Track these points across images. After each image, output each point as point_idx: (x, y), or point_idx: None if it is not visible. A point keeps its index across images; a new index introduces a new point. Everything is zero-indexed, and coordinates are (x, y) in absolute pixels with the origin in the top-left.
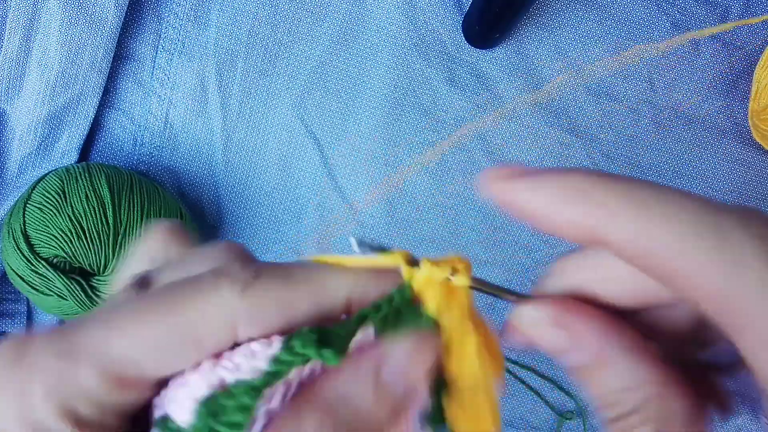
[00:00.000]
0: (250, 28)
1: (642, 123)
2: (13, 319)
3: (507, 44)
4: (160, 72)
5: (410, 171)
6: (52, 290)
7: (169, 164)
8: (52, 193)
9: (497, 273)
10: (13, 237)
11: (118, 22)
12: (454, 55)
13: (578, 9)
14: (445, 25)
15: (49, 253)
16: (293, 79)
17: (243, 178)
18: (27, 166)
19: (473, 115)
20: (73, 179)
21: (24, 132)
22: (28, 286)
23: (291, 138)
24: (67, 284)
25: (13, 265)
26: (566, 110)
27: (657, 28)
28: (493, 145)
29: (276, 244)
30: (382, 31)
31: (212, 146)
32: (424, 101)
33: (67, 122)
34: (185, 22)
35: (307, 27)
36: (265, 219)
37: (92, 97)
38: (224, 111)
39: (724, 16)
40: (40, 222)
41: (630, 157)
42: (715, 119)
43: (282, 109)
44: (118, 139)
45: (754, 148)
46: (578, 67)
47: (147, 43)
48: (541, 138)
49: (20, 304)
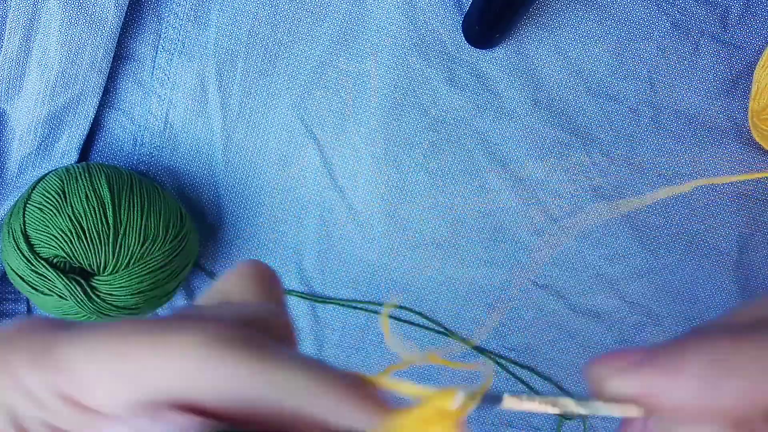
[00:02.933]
0: (250, 28)
1: (642, 123)
2: (13, 319)
3: (507, 44)
4: (160, 72)
5: (410, 171)
6: (52, 290)
7: (169, 164)
8: (52, 193)
9: (497, 273)
10: (13, 237)
11: (118, 22)
12: (454, 55)
13: (578, 9)
14: (445, 25)
15: (49, 253)
16: (293, 79)
17: (243, 178)
18: (27, 166)
19: (473, 115)
20: (73, 179)
21: (24, 132)
22: (28, 286)
23: (291, 138)
24: (67, 284)
25: (13, 265)
26: (566, 110)
27: (657, 28)
28: (493, 145)
29: (276, 244)
30: (382, 31)
31: (212, 146)
32: (424, 101)
33: (67, 122)
34: (185, 22)
35: (307, 27)
36: (265, 219)
37: (92, 97)
38: (224, 111)
39: (724, 16)
40: (40, 222)
41: (630, 157)
42: (715, 119)
43: (282, 109)
44: (118, 139)
45: (754, 148)
46: (578, 67)
47: (147, 43)
48: (541, 138)
49: (20, 304)
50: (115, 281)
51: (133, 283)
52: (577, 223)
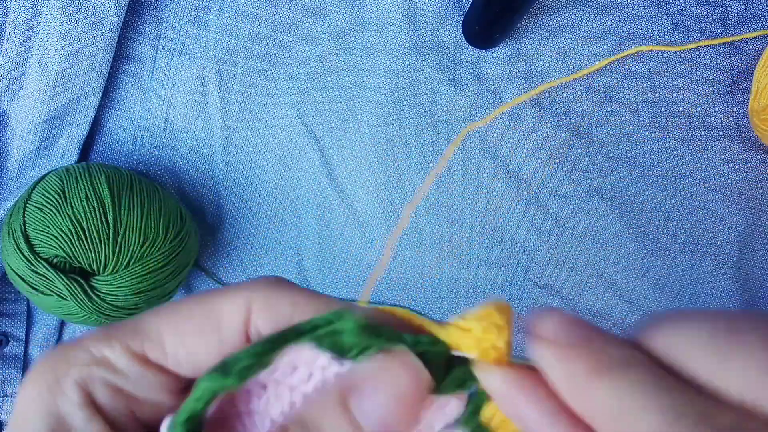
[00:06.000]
0: (250, 28)
1: (642, 123)
2: (13, 319)
3: (507, 44)
4: (160, 72)
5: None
6: (52, 290)
7: (169, 164)
8: (52, 193)
9: (497, 273)
10: (13, 237)
11: (118, 22)
12: (454, 55)
13: (578, 9)
14: (445, 25)
15: (49, 253)
16: (293, 79)
17: (243, 178)
18: (27, 166)
19: (473, 115)
20: (73, 179)
21: (24, 132)
22: (28, 286)
23: (291, 138)
24: (67, 284)
25: (13, 265)
26: (566, 110)
27: (657, 28)
28: (493, 145)
29: (276, 244)
30: (382, 31)
31: (212, 146)
32: (424, 101)
33: (67, 122)
34: (185, 22)
35: (307, 27)
36: (265, 219)
37: (92, 97)
38: (224, 111)
39: (724, 16)
40: (40, 222)
41: (630, 157)
42: (715, 119)
43: (282, 109)
44: (118, 139)
45: (755, 148)
46: (578, 67)
47: (147, 43)
48: (541, 138)
49: (20, 304)
50: (115, 281)
51: (133, 283)
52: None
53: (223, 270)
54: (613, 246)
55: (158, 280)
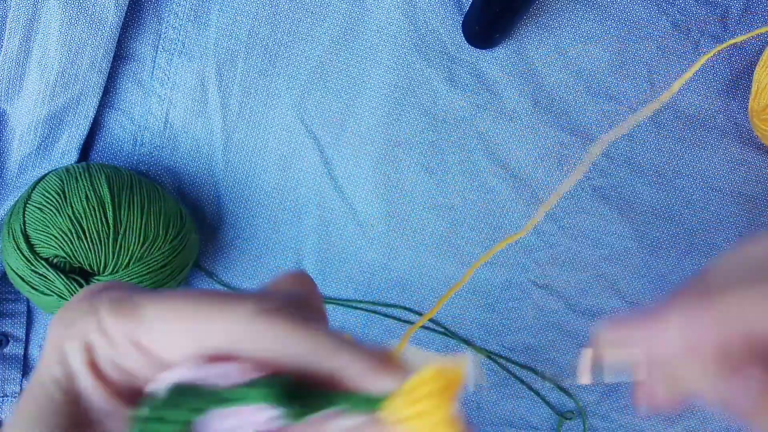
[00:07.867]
0: (250, 28)
1: (642, 123)
2: (13, 319)
3: (507, 44)
4: (160, 72)
5: (410, 171)
6: (52, 290)
7: (169, 164)
8: (52, 193)
9: (497, 273)
10: (13, 237)
11: (118, 22)
12: (454, 55)
13: (578, 9)
14: (445, 25)
15: (49, 253)
16: (293, 79)
17: (243, 178)
18: (27, 166)
19: (473, 115)
20: (73, 179)
21: (24, 132)
22: (28, 286)
23: (291, 138)
24: (67, 284)
25: (13, 265)
26: (566, 110)
27: (657, 28)
28: (493, 145)
29: (276, 244)
30: (382, 31)
31: (212, 146)
32: (424, 101)
33: (67, 122)
34: (185, 22)
35: (307, 27)
36: (265, 219)
37: (92, 97)
38: (224, 111)
39: (724, 16)
40: (40, 222)
41: (630, 157)
42: (715, 119)
43: (282, 109)
44: (118, 139)
45: (754, 148)
46: (578, 67)
47: (147, 43)
48: (541, 138)
49: (20, 304)
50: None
51: (133, 283)
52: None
53: (223, 270)
54: (613, 246)
55: (158, 280)
